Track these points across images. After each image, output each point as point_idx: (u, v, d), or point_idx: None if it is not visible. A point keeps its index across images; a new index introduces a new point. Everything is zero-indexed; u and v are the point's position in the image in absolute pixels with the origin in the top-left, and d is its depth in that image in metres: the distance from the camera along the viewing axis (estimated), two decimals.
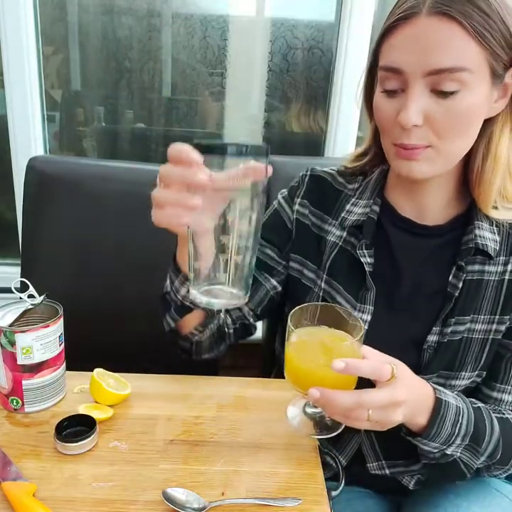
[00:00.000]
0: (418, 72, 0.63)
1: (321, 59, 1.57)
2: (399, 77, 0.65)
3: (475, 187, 0.72)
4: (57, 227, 1.10)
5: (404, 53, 0.64)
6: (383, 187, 0.81)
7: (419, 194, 0.76)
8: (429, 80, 0.63)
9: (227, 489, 0.58)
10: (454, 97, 0.63)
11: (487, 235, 0.73)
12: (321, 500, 0.57)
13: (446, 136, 0.65)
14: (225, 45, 1.54)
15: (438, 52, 0.61)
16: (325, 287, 0.81)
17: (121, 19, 1.52)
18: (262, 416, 0.70)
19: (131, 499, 0.55)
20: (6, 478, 0.56)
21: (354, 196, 0.82)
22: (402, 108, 0.65)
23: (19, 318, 0.68)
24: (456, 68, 0.61)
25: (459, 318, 0.73)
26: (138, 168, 1.17)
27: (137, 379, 0.74)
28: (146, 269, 1.10)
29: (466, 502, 0.73)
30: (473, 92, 0.63)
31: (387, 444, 0.79)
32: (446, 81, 0.62)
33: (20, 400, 0.67)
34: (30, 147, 1.51)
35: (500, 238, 0.74)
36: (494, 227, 0.74)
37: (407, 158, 0.68)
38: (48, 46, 1.52)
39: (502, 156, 0.69)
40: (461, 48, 0.61)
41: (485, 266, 0.74)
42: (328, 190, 0.84)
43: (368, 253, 0.77)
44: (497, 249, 0.73)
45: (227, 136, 1.66)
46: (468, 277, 0.73)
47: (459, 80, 0.62)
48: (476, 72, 0.62)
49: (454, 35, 0.61)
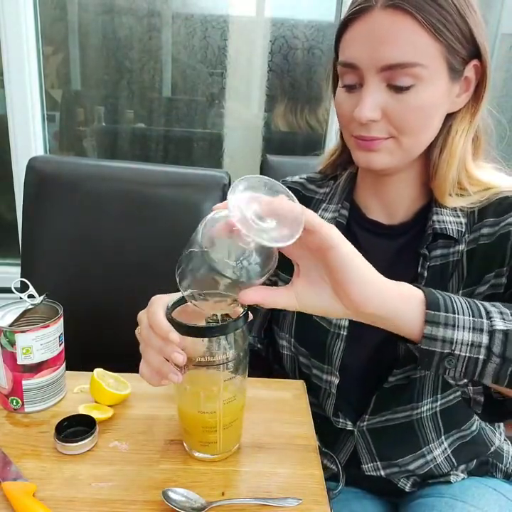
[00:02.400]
0: (371, 67, 0.62)
1: (321, 59, 1.57)
2: (355, 72, 0.64)
3: (432, 180, 0.71)
4: (57, 227, 1.10)
5: (357, 49, 0.63)
6: (352, 190, 0.81)
7: (384, 192, 0.76)
8: (383, 75, 0.62)
9: (227, 489, 0.58)
10: (409, 92, 0.62)
11: (447, 219, 0.72)
12: (321, 501, 0.57)
13: (406, 131, 0.65)
14: (225, 45, 1.54)
15: (389, 47, 0.60)
16: None
17: (122, 19, 1.53)
18: (262, 416, 0.70)
19: (131, 499, 0.55)
20: (6, 478, 0.56)
21: (325, 201, 0.82)
22: (358, 103, 0.64)
23: (19, 318, 0.68)
24: (408, 64, 0.60)
25: None
26: (138, 168, 1.17)
27: (137, 379, 0.73)
28: (146, 269, 1.10)
29: (462, 502, 0.73)
30: (429, 87, 0.62)
31: (383, 444, 0.79)
32: (400, 76, 0.61)
33: (20, 400, 0.67)
34: (30, 147, 1.51)
35: (466, 220, 0.72)
36: (459, 212, 0.72)
37: (367, 149, 0.67)
38: (47, 46, 1.52)
39: (457, 150, 0.69)
40: (413, 42, 0.60)
41: (449, 249, 0.72)
42: (299, 200, 0.83)
43: None
44: (462, 231, 0.71)
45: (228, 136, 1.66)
46: (432, 263, 0.72)
47: (413, 75, 0.61)
48: (431, 67, 0.61)
49: (406, 29, 0.60)
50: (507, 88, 1.67)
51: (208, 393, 0.58)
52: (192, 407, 0.59)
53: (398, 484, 0.81)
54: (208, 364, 0.56)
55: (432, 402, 0.76)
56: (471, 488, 0.76)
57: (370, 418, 0.77)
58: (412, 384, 0.74)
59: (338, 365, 0.76)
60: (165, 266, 1.17)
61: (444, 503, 0.74)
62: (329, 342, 0.76)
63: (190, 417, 0.60)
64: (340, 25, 0.66)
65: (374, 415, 0.77)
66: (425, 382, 0.74)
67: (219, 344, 0.55)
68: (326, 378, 0.77)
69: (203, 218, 0.50)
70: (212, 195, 1.10)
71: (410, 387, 0.74)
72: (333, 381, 0.76)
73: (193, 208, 1.10)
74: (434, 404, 0.76)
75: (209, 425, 0.59)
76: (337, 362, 0.76)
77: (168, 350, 0.53)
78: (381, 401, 0.76)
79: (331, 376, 0.77)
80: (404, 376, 0.73)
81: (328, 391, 0.78)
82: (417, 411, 0.76)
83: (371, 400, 0.76)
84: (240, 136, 1.67)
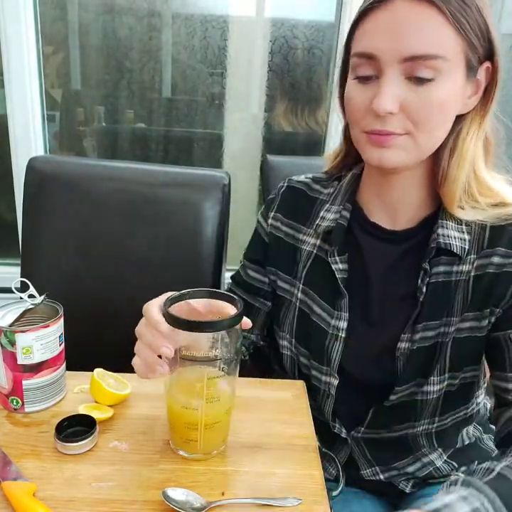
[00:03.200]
0: (392, 58, 0.60)
1: (321, 59, 1.57)
2: (372, 63, 0.62)
3: (441, 184, 0.69)
4: (57, 227, 1.10)
5: (378, 39, 0.61)
6: (355, 191, 0.79)
7: (388, 193, 0.74)
8: (403, 66, 0.60)
9: (227, 489, 0.58)
10: (429, 85, 0.61)
11: (452, 234, 0.69)
12: (321, 501, 0.57)
13: (424, 126, 0.63)
14: (225, 45, 1.54)
15: (413, 38, 0.59)
16: (301, 297, 0.80)
17: (122, 19, 1.52)
18: (262, 416, 0.70)
19: (131, 499, 0.55)
20: (6, 478, 0.56)
21: (328, 202, 0.80)
22: (375, 95, 0.62)
23: (19, 318, 0.68)
24: (431, 55, 0.59)
25: (428, 324, 0.71)
26: (138, 168, 1.17)
27: (137, 379, 0.73)
28: (147, 269, 1.10)
29: None
30: (447, 82, 0.61)
31: (378, 452, 0.79)
32: (421, 68, 0.60)
33: (20, 400, 0.67)
34: (30, 147, 1.51)
35: (470, 237, 0.70)
36: (464, 226, 0.70)
37: (380, 145, 0.65)
38: (48, 46, 1.52)
39: (468, 153, 0.67)
40: (437, 33, 0.59)
41: (453, 266, 0.70)
42: (302, 200, 0.83)
43: (341, 259, 0.75)
44: (466, 248, 0.69)
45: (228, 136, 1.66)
46: (433, 280, 0.70)
47: (434, 68, 0.60)
48: (452, 61, 0.60)
49: (431, 20, 0.59)
50: (507, 89, 1.67)
51: (191, 389, 0.59)
52: (176, 402, 0.60)
53: (399, 486, 0.81)
54: (192, 359, 0.56)
55: (428, 423, 0.75)
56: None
57: (366, 431, 0.77)
58: (412, 404, 0.73)
59: (337, 367, 0.76)
60: (165, 266, 1.18)
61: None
62: (328, 343, 0.76)
63: (174, 411, 0.61)
64: (359, 14, 0.64)
65: (369, 429, 0.77)
66: (425, 405, 0.74)
67: (205, 340, 0.56)
68: (325, 380, 0.77)
69: None
70: (212, 195, 1.10)
71: (410, 407, 0.74)
72: (332, 383, 0.76)
73: (193, 208, 1.10)
74: (430, 426, 0.76)
75: (191, 422, 0.59)
76: (335, 363, 0.76)
77: (158, 343, 0.56)
78: (378, 417, 0.75)
79: (329, 378, 0.76)
80: (406, 394, 0.73)
81: (327, 393, 0.77)
82: (412, 430, 0.76)
83: (369, 412, 0.75)
84: (240, 136, 1.67)
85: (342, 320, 0.75)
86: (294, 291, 0.81)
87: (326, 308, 0.76)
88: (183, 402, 0.59)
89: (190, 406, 0.59)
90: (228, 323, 0.56)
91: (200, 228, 1.10)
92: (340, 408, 0.78)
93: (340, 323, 0.75)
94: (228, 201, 1.12)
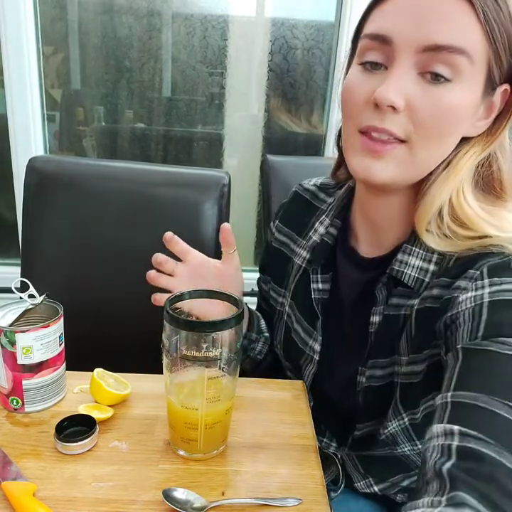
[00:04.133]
0: (410, 44, 0.52)
1: (320, 59, 1.57)
2: (385, 48, 0.54)
3: (418, 202, 0.60)
4: (57, 227, 1.10)
5: (397, 21, 0.52)
6: (349, 206, 0.73)
7: (372, 217, 0.67)
8: (420, 57, 0.52)
9: (227, 489, 0.58)
10: (443, 86, 0.53)
11: (413, 262, 0.61)
12: (321, 500, 0.57)
13: (426, 133, 0.54)
14: (225, 45, 1.54)
15: (440, 25, 0.51)
16: (288, 311, 0.79)
17: (122, 18, 1.53)
18: (262, 416, 0.70)
19: (131, 499, 0.55)
20: (6, 478, 0.56)
21: (325, 213, 0.75)
22: (379, 85, 0.53)
23: (19, 318, 0.68)
24: (456, 48, 0.51)
25: (377, 361, 0.65)
26: (138, 168, 1.17)
27: (137, 379, 0.74)
28: (147, 269, 1.10)
29: None
30: (464, 88, 0.53)
31: (370, 467, 0.77)
32: (440, 63, 0.52)
33: (20, 400, 0.67)
34: (30, 147, 1.51)
35: (436, 269, 0.60)
36: (435, 255, 0.61)
37: (371, 154, 0.56)
38: (47, 46, 1.52)
39: (457, 176, 0.58)
40: (465, 27, 0.51)
41: (407, 300, 0.62)
42: (305, 210, 0.79)
43: (322, 278, 0.72)
44: (424, 281, 0.60)
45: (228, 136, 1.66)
46: (386, 312, 0.63)
47: (455, 66, 0.52)
48: (475, 65, 0.53)
49: (460, 13, 0.51)
50: None
51: (191, 389, 0.59)
52: (176, 402, 0.60)
53: (396, 499, 0.78)
54: (192, 359, 0.56)
55: (411, 445, 0.69)
56: None
57: (350, 452, 0.75)
58: (380, 437, 0.69)
59: (309, 387, 0.75)
60: None
61: None
62: (302, 362, 0.76)
63: (175, 411, 0.61)
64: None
65: (353, 451, 0.75)
66: (396, 437, 0.68)
67: (205, 340, 0.56)
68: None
69: None
70: (212, 195, 1.10)
71: (380, 439, 0.69)
72: (310, 401, 0.75)
73: (193, 208, 1.10)
74: (415, 447, 0.70)
75: (191, 422, 0.59)
76: (308, 384, 0.75)
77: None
78: (357, 442, 0.73)
79: (308, 396, 0.76)
80: (371, 429, 0.69)
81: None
82: (397, 451, 0.71)
83: (349, 437, 0.73)
84: (240, 136, 1.67)
85: (316, 342, 0.73)
86: (284, 303, 0.80)
87: (306, 327, 0.75)
88: (183, 402, 0.59)
89: (190, 406, 0.59)
90: (228, 323, 0.56)
91: (200, 228, 1.10)
92: (322, 428, 0.77)
93: (315, 344, 0.73)
94: (228, 201, 1.12)
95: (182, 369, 0.58)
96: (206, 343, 0.56)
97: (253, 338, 0.81)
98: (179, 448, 0.62)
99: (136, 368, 0.75)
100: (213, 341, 0.56)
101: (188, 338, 0.55)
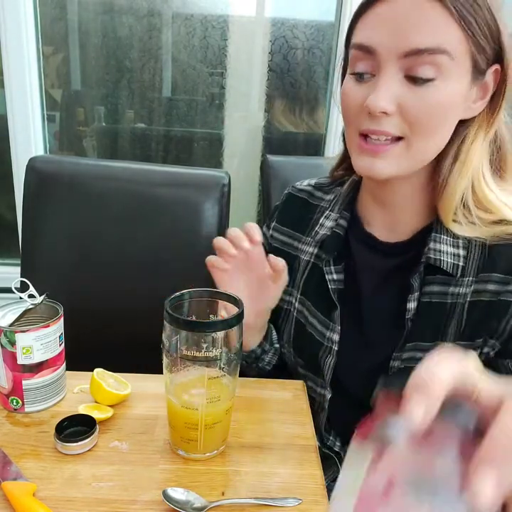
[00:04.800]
0: (392, 52, 0.56)
1: (321, 59, 1.57)
2: (371, 58, 0.58)
3: (439, 195, 0.64)
4: (57, 227, 1.10)
5: (378, 31, 0.57)
6: (354, 199, 0.76)
7: (386, 203, 0.70)
8: (403, 62, 0.56)
9: (227, 489, 0.58)
10: (428, 85, 0.57)
11: (445, 249, 0.65)
12: (321, 501, 0.57)
13: (420, 129, 0.59)
14: (225, 45, 1.54)
15: (415, 31, 0.55)
16: (298, 307, 0.79)
17: (122, 18, 1.53)
18: (262, 416, 0.70)
19: (131, 499, 0.55)
20: (6, 478, 0.56)
21: (328, 208, 0.78)
22: (370, 93, 0.58)
23: (19, 318, 0.68)
24: (436, 49, 0.55)
25: (418, 344, 0.67)
26: (138, 168, 1.17)
27: (137, 379, 0.74)
28: (147, 269, 1.10)
29: None
30: (450, 83, 0.57)
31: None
32: (423, 65, 0.56)
33: (20, 400, 0.67)
34: (30, 147, 1.51)
35: (467, 253, 0.64)
36: (460, 240, 0.65)
37: (371, 154, 0.61)
38: (47, 46, 1.52)
39: (472, 161, 0.62)
40: (441, 28, 0.55)
41: (449, 287, 0.65)
42: (303, 209, 0.81)
43: (336, 269, 0.73)
44: (460, 266, 0.64)
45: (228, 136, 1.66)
46: (425, 299, 0.66)
47: (437, 65, 0.56)
48: (456, 59, 0.56)
49: (436, 15, 0.55)
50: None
51: (191, 389, 0.59)
52: (176, 401, 0.60)
53: None
54: (192, 359, 0.56)
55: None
56: None
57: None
58: None
59: (329, 380, 0.75)
60: (165, 265, 1.17)
61: None
62: (321, 355, 0.75)
63: (175, 411, 0.61)
64: (360, 7, 0.60)
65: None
66: None
67: (205, 340, 0.56)
68: (320, 391, 0.76)
69: None
70: (212, 195, 1.10)
71: None
72: (325, 395, 0.76)
73: (193, 208, 1.10)
74: None
75: (191, 422, 0.59)
76: (328, 376, 0.75)
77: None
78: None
79: (324, 390, 0.76)
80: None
81: (322, 405, 0.77)
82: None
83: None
84: (240, 136, 1.67)
85: (335, 332, 0.73)
86: (292, 301, 0.80)
87: (322, 319, 0.75)
88: (183, 402, 0.59)
89: (190, 406, 0.59)
90: (228, 323, 0.56)
91: (200, 228, 1.10)
92: (333, 421, 0.77)
93: (333, 335, 0.73)
94: (228, 201, 1.12)
95: (182, 369, 0.58)
96: (206, 343, 0.55)
97: (266, 349, 0.81)
98: (179, 448, 0.62)
99: (136, 368, 0.75)
100: (213, 341, 0.56)
101: (188, 338, 0.55)
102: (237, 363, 0.60)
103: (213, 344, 0.56)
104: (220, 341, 0.56)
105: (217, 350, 0.56)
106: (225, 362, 0.57)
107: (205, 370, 0.57)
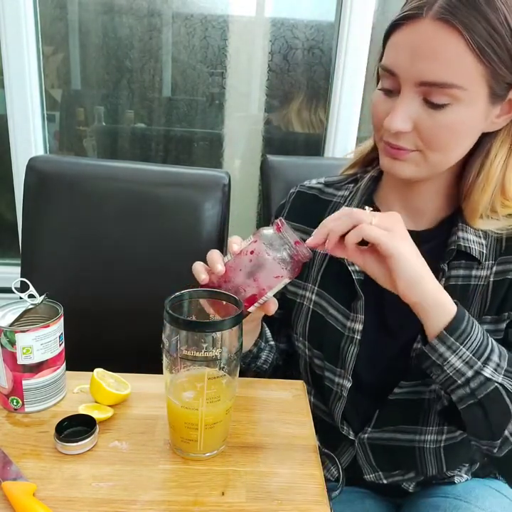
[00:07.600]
0: (410, 79, 0.61)
1: (321, 59, 1.57)
2: (394, 79, 0.63)
3: (464, 198, 0.70)
4: (57, 227, 1.10)
5: (398, 57, 0.62)
6: (373, 193, 0.80)
7: (409, 198, 0.74)
8: (420, 89, 0.61)
9: (227, 489, 0.58)
10: (444, 110, 0.61)
11: (471, 238, 0.71)
12: (321, 500, 0.57)
13: (433, 146, 0.64)
14: (225, 45, 1.54)
15: (429, 64, 0.59)
16: (316, 299, 0.80)
17: (122, 18, 1.52)
18: (262, 416, 0.70)
19: (131, 499, 0.55)
20: (6, 478, 0.56)
21: (344, 203, 0.80)
22: (390, 110, 0.64)
23: (19, 318, 0.68)
24: (446, 84, 0.59)
25: None
26: (138, 168, 1.17)
27: (137, 379, 0.74)
28: (147, 269, 1.10)
29: (466, 503, 0.73)
30: (465, 108, 0.61)
31: (382, 461, 0.79)
32: (437, 94, 0.60)
33: (20, 400, 0.67)
34: (30, 147, 1.51)
35: (486, 242, 0.71)
36: (480, 231, 0.71)
37: (393, 157, 0.67)
38: (48, 45, 1.52)
39: (495, 175, 0.67)
40: (456, 61, 0.58)
41: (472, 270, 0.71)
42: (314, 204, 0.83)
43: None
44: (484, 253, 0.71)
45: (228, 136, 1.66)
46: (452, 282, 0.71)
47: (450, 95, 0.60)
48: (470, 90, 0.59)
49: (451, 47, 0.57)
50: None
51: (191, 389, 0.59)
52: (176, 401, 0.60)
53: (402, 485, 0.81)
54: (192, 359, 0.56)
55: (437, 433, 0.75)
56: (474, 490, 0.76)
57: (372, 431, 0.77)
58: (418, 403, 0.73)
59: (351, 370, 0.75)
60: (165, 265, 1.17)
61: (449, 503, 0.74)
62: (343, 345, 0.76)
63: (175, 411, 0.61)
64: (389, 27, 0.64)
65: (376, 429, 0.76)
66: (432, 408, 0.73)
67: (205, 340, 0.56)
68: (338, 381, 0.77)
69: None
70: (212, 195, 1.10)
71: (416, 406, 0.73)
72: (345, 385, 0.76)
73: (193, 207, 1.10)
74: (439, 437, 0.75)
75: (191, 422, 0.59)
76: (350, 366, 0.75)
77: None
78: (385, 414, 0.75)
79: (343, 380, 0.76)
80: (412, 391, 0.72)
81: (339, 395, 0.77)
82: (419, 437, 0.75)
83: (376, 412, 0.75)
84: (240, 136, 1.67)
85: (358, 322, 0.75)
86: (306, 294, 0.81)
87: (342, 310, 0.76)
88: (183, 402, 0.59)
89: (190, 406, 0.59)
90: (228, 323, 0.56)
91: (200, 228, 1.10)
92: (349, 410, 0.78)
93: (356, 325, 0.75)
94: (228, 201, 1.12)
95: (182, 369, 0.58)
96: (206, 343, 0.56)
97: (261, 347, 0.82)
98: (179, 448, 0.62)
99: (136, 368, 0.75)
100: (213, 341, 0.56)
101: (188, 338, 0.56)
102: (237, 363, 0.60)
103: (213, 344, 0.56)
104: (220, 341, 0.56)
105: (217, 350, 0.56)
106: (225, 362, 0.57)
107: (205, 370, 0.57)
